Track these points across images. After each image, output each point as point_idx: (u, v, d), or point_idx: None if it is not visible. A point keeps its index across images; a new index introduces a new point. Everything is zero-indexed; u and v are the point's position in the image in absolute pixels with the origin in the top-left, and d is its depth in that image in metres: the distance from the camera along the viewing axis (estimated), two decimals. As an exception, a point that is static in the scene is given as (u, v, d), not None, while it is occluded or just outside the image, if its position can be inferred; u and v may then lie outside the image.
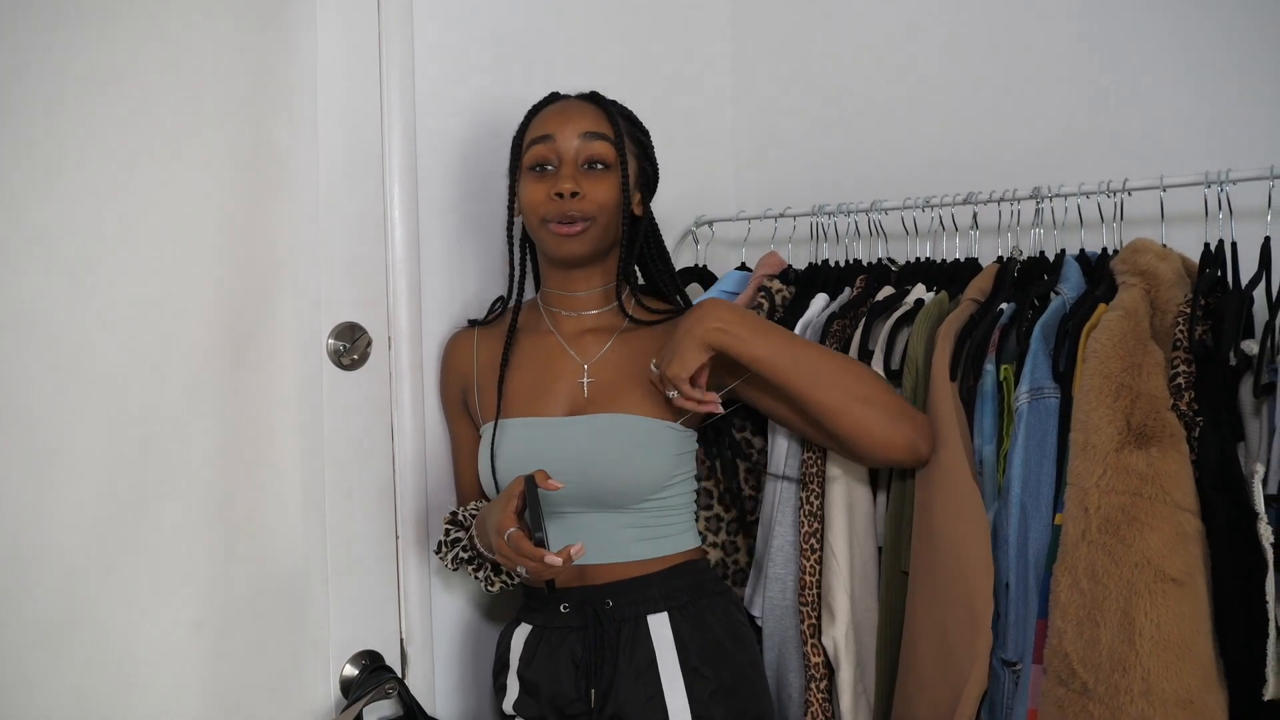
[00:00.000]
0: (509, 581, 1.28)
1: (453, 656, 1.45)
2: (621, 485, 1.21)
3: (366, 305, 1.35)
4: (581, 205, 1.22)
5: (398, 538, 1.38)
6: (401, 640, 1.39)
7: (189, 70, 1.21)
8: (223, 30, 1.24)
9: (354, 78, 1.34)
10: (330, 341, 1.32)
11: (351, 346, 1.34)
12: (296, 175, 1.29)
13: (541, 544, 1.07)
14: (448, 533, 1.31)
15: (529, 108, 1.33)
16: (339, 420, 1.32)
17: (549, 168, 1.25)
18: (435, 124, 1.41)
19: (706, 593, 1.26)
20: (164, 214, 1.20)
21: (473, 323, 1.39)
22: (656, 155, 1.35)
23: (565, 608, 1.23)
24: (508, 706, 1.27)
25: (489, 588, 1.29)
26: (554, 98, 1.32)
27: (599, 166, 1.25)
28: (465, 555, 1.29)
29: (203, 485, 1.22)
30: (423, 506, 1.40)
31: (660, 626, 1.21)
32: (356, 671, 1.34)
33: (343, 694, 1.33)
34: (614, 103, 1.32)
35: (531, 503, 1.10)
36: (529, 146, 1.27)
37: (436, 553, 1.32)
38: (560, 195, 1.21)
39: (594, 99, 1.30)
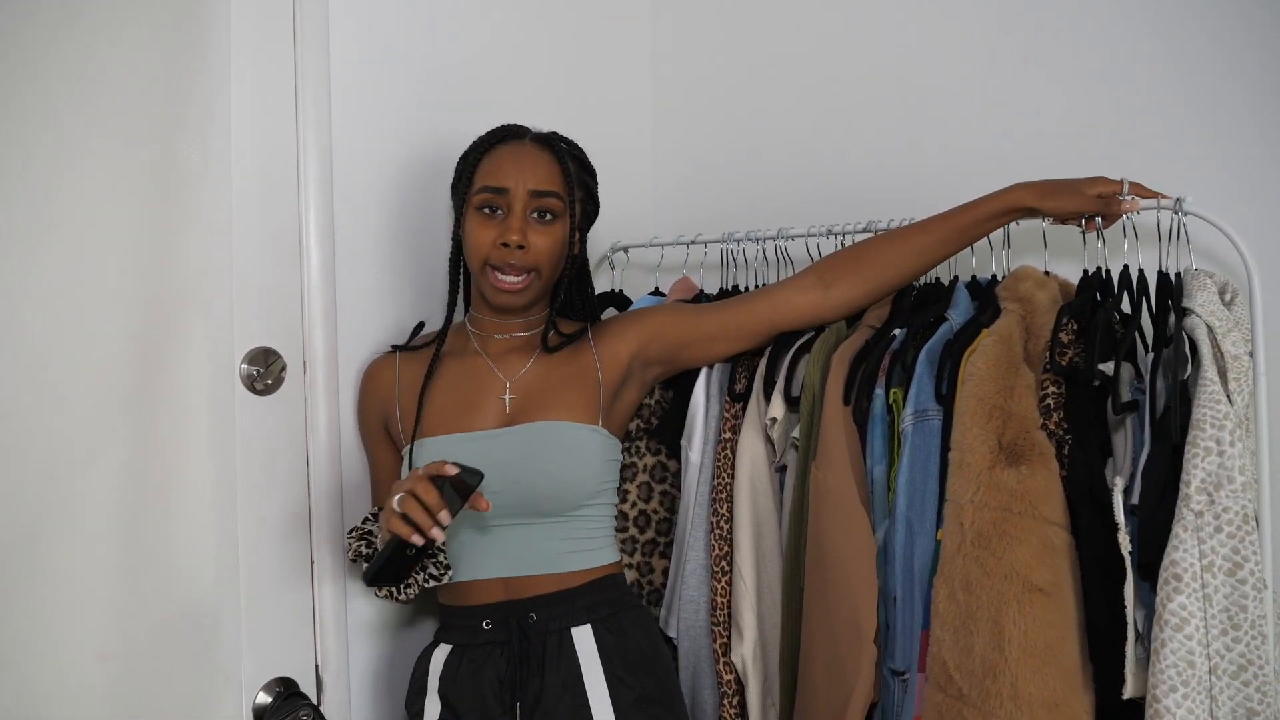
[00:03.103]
0: (409, 587, 1.26)
1: (369, 682, 1.45)
2: (556, 489, 1.24)
3: (281, 330, 1.35)
4: (526, 258, 1.27)
5: (312, 563, 1.38)
6: (317, 666, 1.38)
7: (97, 89, 1.20)
8: (132, 48, 1.23)
9: (268, 100, 1.34)
10: (243, 366, 1.32)
11: (265, 371, 1.34)
12: (208, 197, 1.28)
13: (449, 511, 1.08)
14: (365, 521, 1.31)
15: (477, 137, 1.33)
16: (252, 446, 1.32)
17: (498, 211, 1.28)
18: (352, 147, 1.42)
19: (626, 605, 1.30)
20: (72, 237, 1.19)
21: (395, 348, 1.41)
22: None
23: (488, 624, 1.25)
24: None
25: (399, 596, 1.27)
26: (509, 133, 1.33)
27: (547, 217, 1.29)
28: (366, 551, 1.28)
29: (109, 512, 1.21)
30: (338, 532, 1.40)
31: (584, 639, 1.24)
32: (270, 699, 1.33)
33: (256, 722, 1.32)
34: (567, 146, 1.34)
35: (449, 493, 1.10)
36: (480, 190, 1.29)
37: (349, 534, 1.32)
38: (507, 245, 1.25)
39: (548, 144, 1.32)
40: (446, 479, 1.10)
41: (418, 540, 1.10)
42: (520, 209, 1.28)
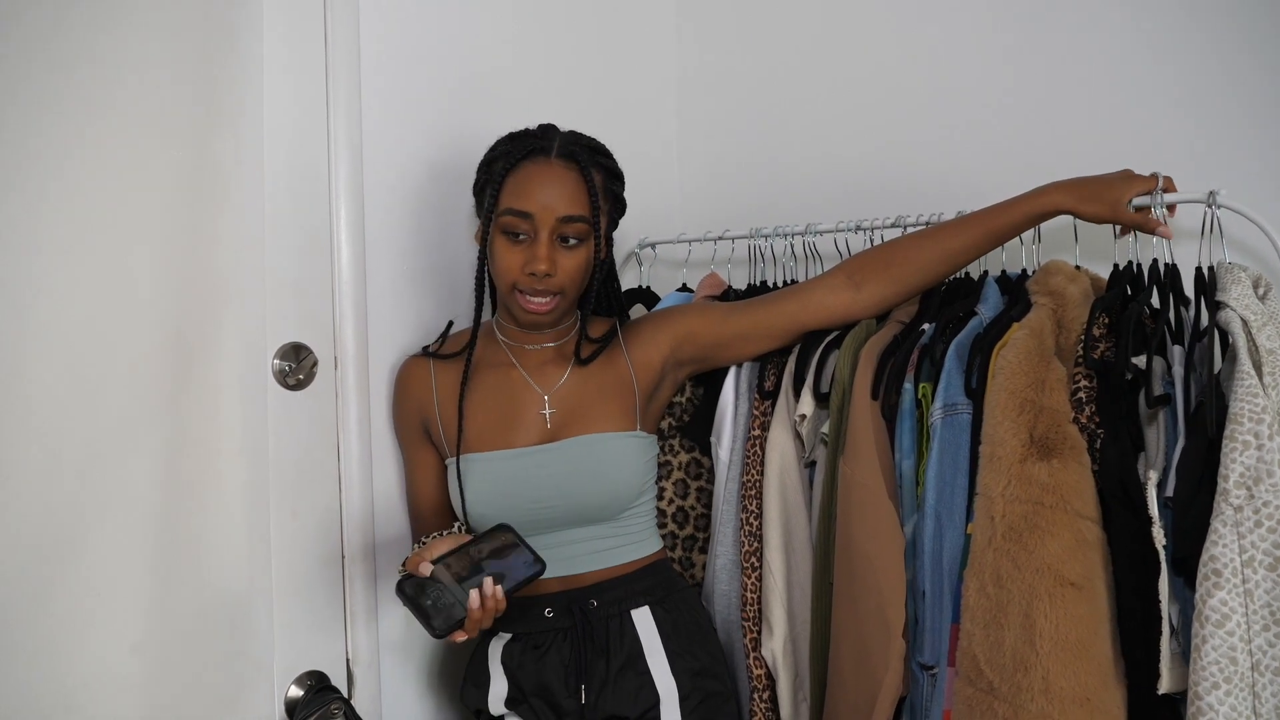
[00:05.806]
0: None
1: (400, 676, 1.46)
2: (605, 500, 1.27)
3: (312, 326, 1.37)
4: (553, 283, 1.27)
5: (344, 558, 1.39)
6: (348, 660, 1.40)
7: (132, 91, 1.21)
8: (166, 50, 1.24)
9: (300, 99, 1.35)
10: (275, 362, 1.34)
11: (297, 367, 1.35)
12: (241, 195, 1.30)
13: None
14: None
15: (499, 138, 1.32)
16: (284, 441, 1.34)
17: (523, 236, 1.27)
18: (382, 145, 1.43)
19: (678, 587, 1.34)
20: (106, 234, 1.20)
21: (427, 350, 1.39)
22: None
23: (549, 612, 1.28)
24: (495, 707, 1.30)
25: None
26: (534, 148, 1.27)
27: (572, 241, 1.28)
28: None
29: (144, 507, 1.22)
30: (369, 527, 1.41)
31: (644, 619, 1.27)
32: (301, 692, 1.35)
33: (287, 715, 1.33)
34: (593, 155, 1.30)
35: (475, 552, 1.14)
36: (505, 212, 1.26)
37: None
38: (534, 274, 1.25)
39: (575, 161, 1.27)
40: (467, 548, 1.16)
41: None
42: (547, 236, 1.25)
